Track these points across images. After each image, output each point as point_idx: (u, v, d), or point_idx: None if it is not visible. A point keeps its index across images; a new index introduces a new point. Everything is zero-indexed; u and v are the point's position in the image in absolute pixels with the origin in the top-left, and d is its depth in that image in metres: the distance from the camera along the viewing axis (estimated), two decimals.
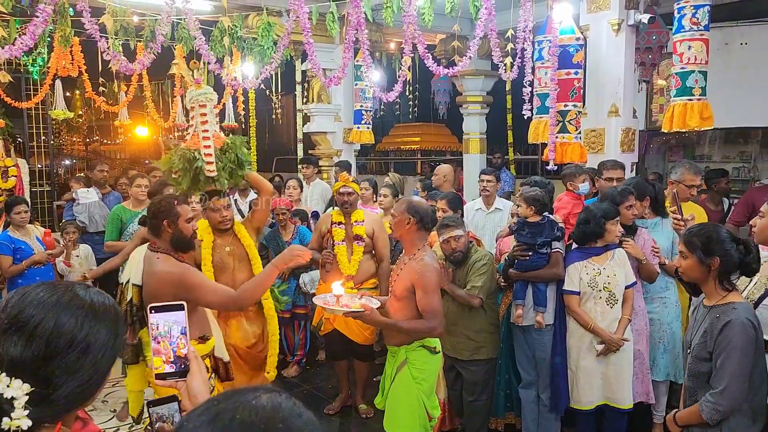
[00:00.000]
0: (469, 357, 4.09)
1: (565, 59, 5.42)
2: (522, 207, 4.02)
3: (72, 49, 6.54)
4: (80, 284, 1.27)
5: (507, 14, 5.64)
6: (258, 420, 0.86)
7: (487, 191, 5.49)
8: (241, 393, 0.93)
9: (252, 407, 0.88)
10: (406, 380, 3.29)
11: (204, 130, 3.57)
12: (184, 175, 3.59)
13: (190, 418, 0.91)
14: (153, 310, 1.46)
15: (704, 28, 4.86)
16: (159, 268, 2.95)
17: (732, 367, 2.48)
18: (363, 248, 4.62)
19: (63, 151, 13.73)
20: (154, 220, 3.04)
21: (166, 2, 3.89)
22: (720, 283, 2.63)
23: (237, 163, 3.72)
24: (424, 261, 3.24)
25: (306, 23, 4.22)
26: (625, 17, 5.61)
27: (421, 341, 3.29)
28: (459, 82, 9.18)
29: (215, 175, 3.59)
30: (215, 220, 3.82)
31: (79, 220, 6.03)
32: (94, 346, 1.18)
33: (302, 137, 9.08)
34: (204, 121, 3.57)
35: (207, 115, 3.59)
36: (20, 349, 1.11)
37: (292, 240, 5.45)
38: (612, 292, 3.82)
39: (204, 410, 0.90)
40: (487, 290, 4.02)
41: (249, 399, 0.90)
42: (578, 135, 5.56)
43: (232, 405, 0.89)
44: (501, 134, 9.85)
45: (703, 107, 4.91)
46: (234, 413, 0.87)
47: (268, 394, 0.92)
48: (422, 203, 3.47)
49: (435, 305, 3.20)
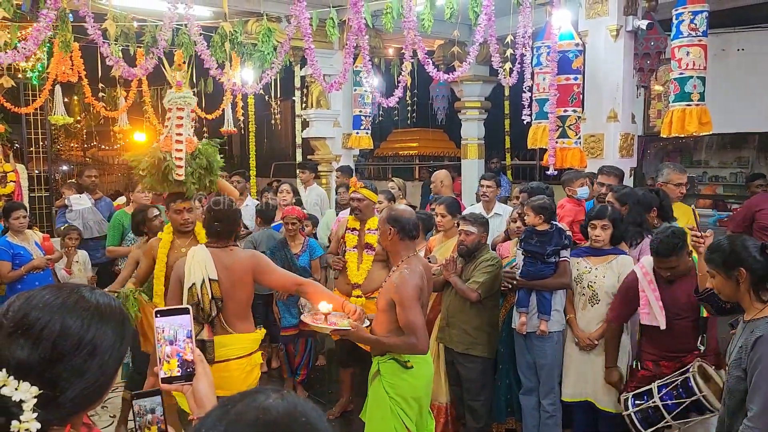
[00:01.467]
0: (463, 350, 4.10)
1: (565, 65, 5.45)
2: (530, 216, 4.02)
3: (72, 54, 6.54)
4: (85, 286, 1.27)
5: (506, 20, 5.67)
6: (280, 417, 0.87)
7: (487, 197, 5.51)
8: (255, 394, 0.94)
9: (270, 405, 0.89)
10: (378, 393, 3.23)
11: (178, 133, 3.63)
12: (151, 174, 3.69)
13: (206, 421, 0.91)
14: (159, 314, 1.45)
15: (702, 33, 4.90)
16: (238, 257, 3.39)
17: (766, 387, 2.34)
18: (373, 257, 4.51)
19: (61, 156, 13.70)
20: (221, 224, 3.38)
21: (168, 7, 3.90)
22: (756, 294, 2.50)
23: (207, 168, 3.80)
24: (402, 274, 3.15)
25: (307, 29, 4.24)
26: (624, 23, 5.65)
27: (390, 354, 3.21)
28: (458, 88, 9.21)
29: (183, 179, 3.67)
30: (177, 221, 3.88)
31: (72, 227, 6.03)
32: (101, 348, 1.18)
33: (301, 142, 9.10)
34: (179, 124, 3.64)
35: (183, 118, 3.66)
36: (27, 351, 1.11)
37: (301, 253, 5.21)
38: (595, 292, 3.89)
39: (222, 413, 0.90)
40: (488, 289, 4.04)
41: (264, 399, 0.91)
42: (578, 140, 5.59)
43: (250, 405, 0.90)
44: (499, 140, 9.88)
45: (702, 112, 4.94)
46: (255, 413, 0.88)
47: (279, 393, 0.93)
48: (405, 212, 3.35)
49: (412, 320, 3.07)
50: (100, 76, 7.45)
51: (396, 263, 3.30)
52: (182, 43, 6.23)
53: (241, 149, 16.59)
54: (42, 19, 3.42)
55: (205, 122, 8.96)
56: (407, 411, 3.19)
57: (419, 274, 3.19)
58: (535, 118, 5.74)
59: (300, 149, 9.16)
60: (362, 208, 4.55)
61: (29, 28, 6.36)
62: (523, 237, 4.07)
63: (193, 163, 3.71)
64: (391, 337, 3.17)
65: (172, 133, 3.65)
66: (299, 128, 9.15)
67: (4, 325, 1.14)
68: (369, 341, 3.25)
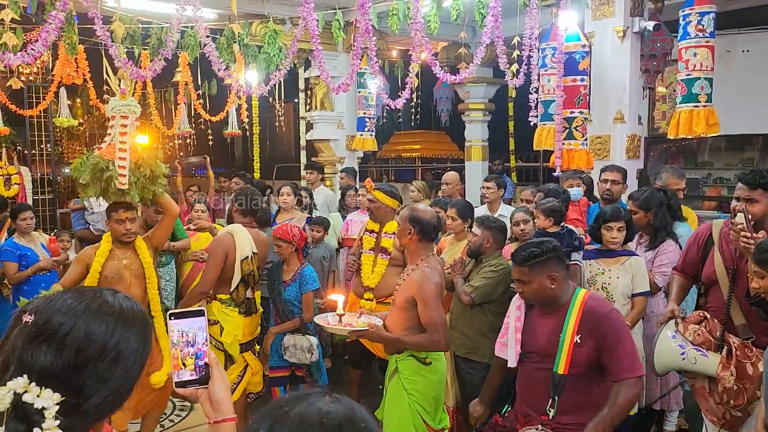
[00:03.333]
0: (464, 354, 4.07)
1: (571, 66, 5.46)
2: (540, 218, 4.00)
3: (77, 57, 6.55)
4: (108, 289, 1.24)
5: (511, 21, 5.67)
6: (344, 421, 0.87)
7: (487, 198, 5.47)
8: (309, 396, 0.93)
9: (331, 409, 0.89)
10: (397, 391, 3.24)
11: (122, 141, 3.56)
12: (92, 184, 3.61)
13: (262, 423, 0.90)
14: (172, 316, 1.41)
15: (710, 35, 4.90)
16: (259, 235, 4.33)
17: None
18: (387, 261, 4.38)
19: (64, 159, 13.69)
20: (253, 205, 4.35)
21: (176, 9, 3.90)
22: None
23: (150, 178, 3.73)
24: (423, 272, 3.18)
25: (315, 30, 4.23)
26: (630, 24, 5.65)
27: (409, 351, 3.23)
28: (464, 89, 9.21)
29: (125, 188, 3.60)
30: (118, 231, 3.78)
31: (95, 228, 6.03)
32: (125, 354, 1.15)
33: (305, 144, 9.10)
34: (123, 132, 3.58)
35: (127, 126, 3.61)
36: (50, 358, 1.08)
37: (290, 283, 4.48)
38: (610, 293, 3.84)
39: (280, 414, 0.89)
40: (484, 294, 3.94)
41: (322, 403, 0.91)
42: (584, 141, 5.58)
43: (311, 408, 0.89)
44: (503, 142, 9.88)
45: (709, 113, 4.94)
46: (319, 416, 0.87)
47: (332, 396, 0.92)
48: (426, 212, 3.37)
49: (435, 318, 3.11)
50: (104, 78, 7.45)
51: (415, 262, 3.32)
52: (188, 45, 6.22)
53: (244, 151, 16.59)
54: (51, 21, 3.42)
55: (210, 124, 8.94)
56: (426, 407, 3.23)
57: (438, 273, 3.25)
58: (540, 120, 5.74)
59: (304, 151, 9.16)
60: (373, 210, 4.46)
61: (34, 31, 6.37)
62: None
63: (136, 172, 3.64)
64: (412, 335, 3.19)
65: (115, 141, 3.58)
66: (303, 130, 9.15)
67: (26, 329, 1.11)
68: (389, 340, 3.26)
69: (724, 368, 2.84)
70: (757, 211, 2.97)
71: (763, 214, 3.01)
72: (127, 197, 3.67)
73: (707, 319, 3.07)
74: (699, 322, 3.07)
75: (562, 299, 2.75)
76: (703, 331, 2.99)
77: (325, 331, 3.76)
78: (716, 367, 2.86)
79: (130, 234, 3.79)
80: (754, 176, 3.00)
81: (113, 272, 3.77)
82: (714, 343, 2.96)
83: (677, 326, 3.06)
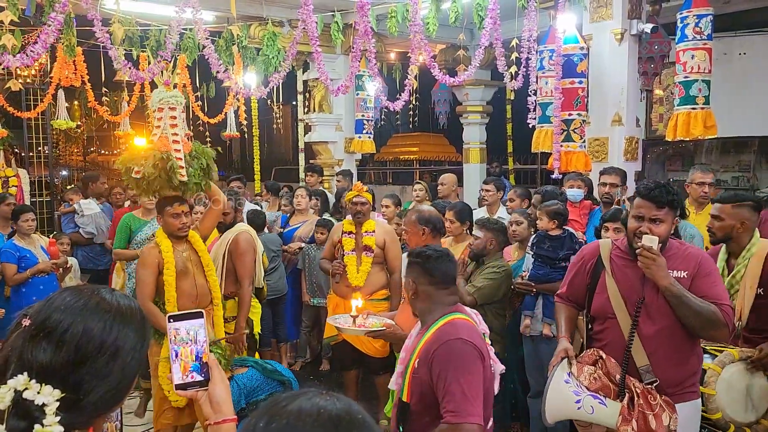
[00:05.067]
0: None
1: (569, 68, 5.47)
2: (544, 220, 4.01)
3: (75, 58, 6.55)
4: (105, 288, 1.25)
5: (509, 24, 5.69)
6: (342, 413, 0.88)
7: (486, 200, 5.50)
8: (306, 393, 0.94)
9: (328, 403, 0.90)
10: None
11: (174, 133, 3.47)
12: (156, 178, 3.48)
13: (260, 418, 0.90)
14: (171, 318, 1.41)
15: (707, 37, 4.92)
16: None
17: None
18: (372, 259, 4.57)
19: (61, 161, 13.69)
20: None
21: (175, 10, 3.90)
22: None
23: (205, 170, 3.68)
24: None
25: (314, 32, 4.24)
26: (628, 27, 5.67)
27: None
28: (462, 92, 9.23)
29: (186, 180, 3.51)
30: (174, 226, 3.68)
31: (85, 231, 6.02)
32: (123, 350, 1.17)
33: (303, 146, 9.10)
34: (174, 124, 3.49)
35: (177, 118, 3.51)
36: (50, 354, 1.10)
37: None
38: None
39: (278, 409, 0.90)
40: (486, 295, 3.97)
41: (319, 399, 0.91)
42: (582, 143, 5.59)
43: (309, 402, 0.90)
44: (501, 144, 9.89)
45: (707, 116, 4.96)
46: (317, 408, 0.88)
47: (329, 394, 0.93)
48: (431, 212, 3.55)
49: None
50: (103, 81, 7.45)
51: None
52: (186, 48, 6.23)
53: (242, 153, 16.58)
54: (51, 23, 3.42)
55: (207, 126, 8.95)
56: None
57: None
58: (538, 122, 5.75)
59: (302, 153, 9.16)
60: (365, 212, 4.61)
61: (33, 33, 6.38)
62: (535, 241, 4.05)
63: (194, 163, 3.57)
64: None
65: (167, 133, 3.47)
66: (301, 132, 9.15)
67: (26, 327, 1.13)
68: (405, 338, 3.25)
69: (625, 421, 2.46)
70: (662, 233, 2.59)
71: (666, 237, 2.64)
72: (186, 189, 3.61)
73: (602, 359, 2.64)
74: (594, 362, 2.65)
75: (426, 316, 2.49)
76: (601, 375, 2.59)
77: (340, 332, 3.79)
78: (616, 419, 2.48)
79: (185, 228, 3.72)
80: (660, 192, 2.60)
81: (180, 266, 3.73)
82: (613, 389, 2.57)
83: (570, 368, 2.62)
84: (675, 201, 2.62)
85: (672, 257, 2.64)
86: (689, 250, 2.73)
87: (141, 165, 3.47)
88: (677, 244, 2.74)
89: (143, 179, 3.50)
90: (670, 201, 2.59)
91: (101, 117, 9.83)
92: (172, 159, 3.45)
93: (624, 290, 2.70)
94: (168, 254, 3.71)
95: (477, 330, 2.42)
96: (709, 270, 2.65)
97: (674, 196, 2.61)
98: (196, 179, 3.60)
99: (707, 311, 2.52)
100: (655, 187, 2.62)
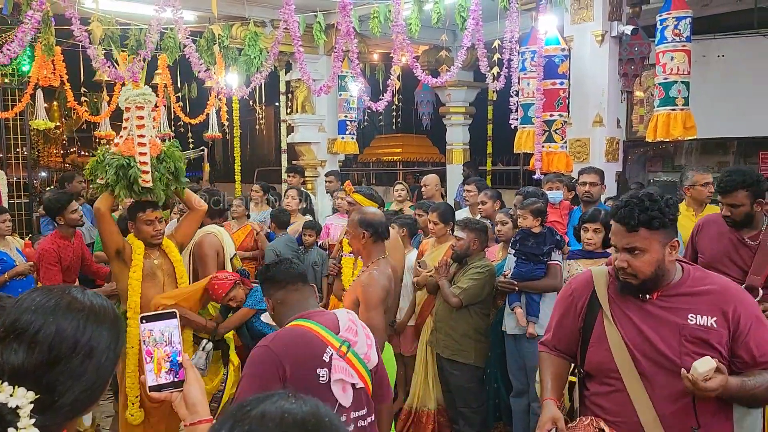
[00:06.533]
0: (449, 356, 4.10)
1: (551, 69, 5.51)
2: (528, 219, 4.03)
3: (54, 58, 6.47)
4: (76, 287, 1.23)
5: (491, 25, 5.71)
6: (307, 416, 0.86)
7: (467, 201, 5.53)
8: (273, 396, 0.93)
9: (293, 407, 0.89)
10: None
11: (140, 135, 3.31)
12: (116, 184, 3.33)
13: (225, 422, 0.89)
14: (144, 319, 1.40)
15: (686, 39, 4.98)
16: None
17: None
18: None
19: (40, 162, 13.50)
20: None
21: (155, 10, 3.87)
22: None
23: (174, 174, 3.51)
24: (371, 275, 3.18)
25: (297, 33, 4.23)
26: (609, 29, 5.72)
27: None
28: (445, 93, 9.26)
29: (151, 185, 3.36)
30: (147, 233, 3.51)
31: None
32: (98, 350, 1.15)
33: (286, 147, 9.07)
34: (141, 125, 3.32)
35: (144, 118, 3.35)
36: (22, 356, 1.07)
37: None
38: None
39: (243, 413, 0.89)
40: (472, 296, 4.01)
41: (285, 402, 0.90)
42: (564, 144, 5.64)
43: (273, 406, 0.89)
44: (484, 144, 9.93)
45: (686, 117, 5.02)
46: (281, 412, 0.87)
47: (296, 396, 0.92)
48: (376, 214, 3.42)
49: (374, 322, 3.04)
50: (82, 81, 7.36)
51: (366, 264, 3.34)
52: (167, 47, 6.17)
53: (224, 155, 16.48)
54: (28, 21, 3.37)
55: (189, 127, 8.88)
56: None
57: (387, 277, 3.23)
58: (520, 123, 5.78)
59: (285, 154, 9.13)
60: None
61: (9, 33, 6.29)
62: (518, 239, 4.08)
63: (160, 167, 3.39)
64: None
65: (133, 135, 3.30)
66: (284, 133, 9.12)
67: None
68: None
69: None
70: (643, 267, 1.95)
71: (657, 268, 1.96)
72: (152, 195, 3.43)
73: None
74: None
75: (278, 323, 2.42)
76: None
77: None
78: None
79: (159, 235, 3.57)
80: (630, 211, 1.93)
81: (147, 270, 3.58)
82: None
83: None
84: (656, 218, 1.91)
85: (687, 296, 1.98)
86: (712, 282, 2.01)
87: (104, 170, 3.33)
88: (694, 275, 2.04)
89: (106, 186, 3.37)
90: (646, 220, 1.92)
91: (81, 117, 9.70)
92: (134, 165, 3.29)
93: (632, 340, 2.01)
94: (138, 255, 3.54)
95: (305, 337, 2.17)
96: (751, 312, 1.96)
97: (652, 212, 1.91)
98: (162, 185, 3.44)
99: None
100: (624, 204, 1.96)
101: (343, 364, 2.15)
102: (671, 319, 1.97)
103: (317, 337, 2.17)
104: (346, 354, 2.17)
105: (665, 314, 1.98)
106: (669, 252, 1.96)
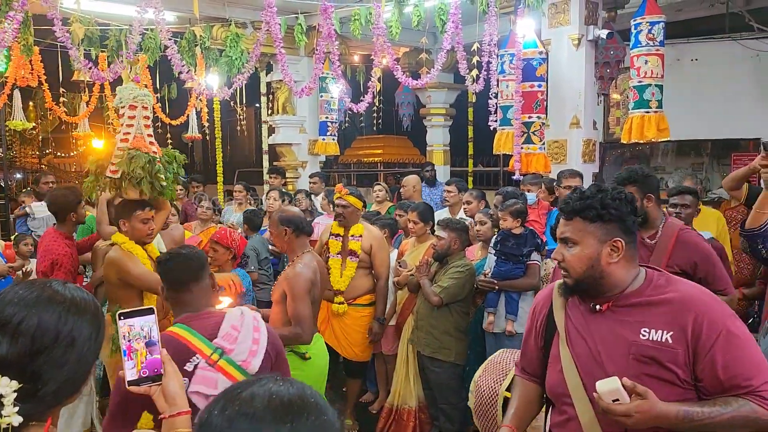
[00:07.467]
0: (430, 354, 4.15)
1: (529, 72, 5.60)
2: (508, 220, 4.10)
3: (31, 58, 6.41)
4: (57, 281, 1.28)
5: (471, 28, 5.79)
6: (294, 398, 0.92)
7: (448, 201, 5.59)
8: (262, 380, 0.97)
9: (281, 389, 0.94)
10: None
11: (149, 134, 3.39)
12: (143, 182, 3.33)
13: (215, 405, 0.94)
14: (122, 316, 1.43)
15: (660, 43, 5.10)
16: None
17: None
18: (356, 264, 4.39)
19: (15, 163, 13.33)
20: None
21: (137, 11, 3.88)
22: None
23: (175, 175, 3.58)
24: (295, 268, 3.32)
25: (278, 34, 4.26)
26: (585, 32, 5.83)
27: (290, 347, 3.22)
28: (426, 94, 9.33)
29: (166, 184, 3.43)
30: (143, 232, 3.49)
31: (37, 235, 5.88)
32: (79, 340, 1.19)
33: (267, 149, 9.07)
34: (147, 125, 3.41)
35: (149, 118, 3.44)
36: (5, 347, 1.12)
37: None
38: None
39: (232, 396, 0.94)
40: (452, 294, 4.06)
41: (273, 384, 0.95)
42: (542, 146, 5.73)
43: (261, 388, 0.94)
44: (464, 146, 10.03)
45: (660, 119, 5.14)
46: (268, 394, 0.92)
47: (285, 379, 0.97)
48: (293, 210, 3.61)
49: (301, 312, 3.21)
50: (60, 81, 7.30)
51: (292, 259, 3.47)
52: (148, 48, 6.16)
53: (204, 156, 16.39)
54: (9, 22, 3.36)
55: (169, 128, 8.84)
56: None
57: (312, 270, 3.37)
58: (499, 125, 5.87)
59: (266, 155, 9.13)
60: (346, 215, 4.43)
61: None
62: (499, 239, 4.15)
63: (169, 168, 3.47)
64: (280, 327, 3.24)
65: (143, 133, 3.34)
66: (265, 134, 9.12)
67: None
68: None
69: None
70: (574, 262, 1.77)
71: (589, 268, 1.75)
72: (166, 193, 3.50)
73: None
74: None
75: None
76: None
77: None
78: None
79: (153, 234, 3.58)
80: (570, 198, 1.80)
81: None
82: None
83: None
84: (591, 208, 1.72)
85: (643, 307, 1.71)
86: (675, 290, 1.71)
87: (118, 164, 3.30)
88: (656, 282, 1.75)
89: (124, 178, 3.33)
90: (580, 208, 1.74)
91: (57, 118, 9.61)
92: (158, 162, 3.36)
93: (582, 362, 1.76)
94: (146, 260, 3.46)
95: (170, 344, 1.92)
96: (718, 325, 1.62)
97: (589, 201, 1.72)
98: (169, 185, 3.53)
99: (740, 417, 1.58)
100: (571, 193, 1.82)
101: (209, 374, 2.03)
102: (621, 333, 1.70)
103: (183, 344, 2.06)
104: (217, 362, 2.05)
105: (616, 328, 1.71)
106: (608, 252, 1.72)
